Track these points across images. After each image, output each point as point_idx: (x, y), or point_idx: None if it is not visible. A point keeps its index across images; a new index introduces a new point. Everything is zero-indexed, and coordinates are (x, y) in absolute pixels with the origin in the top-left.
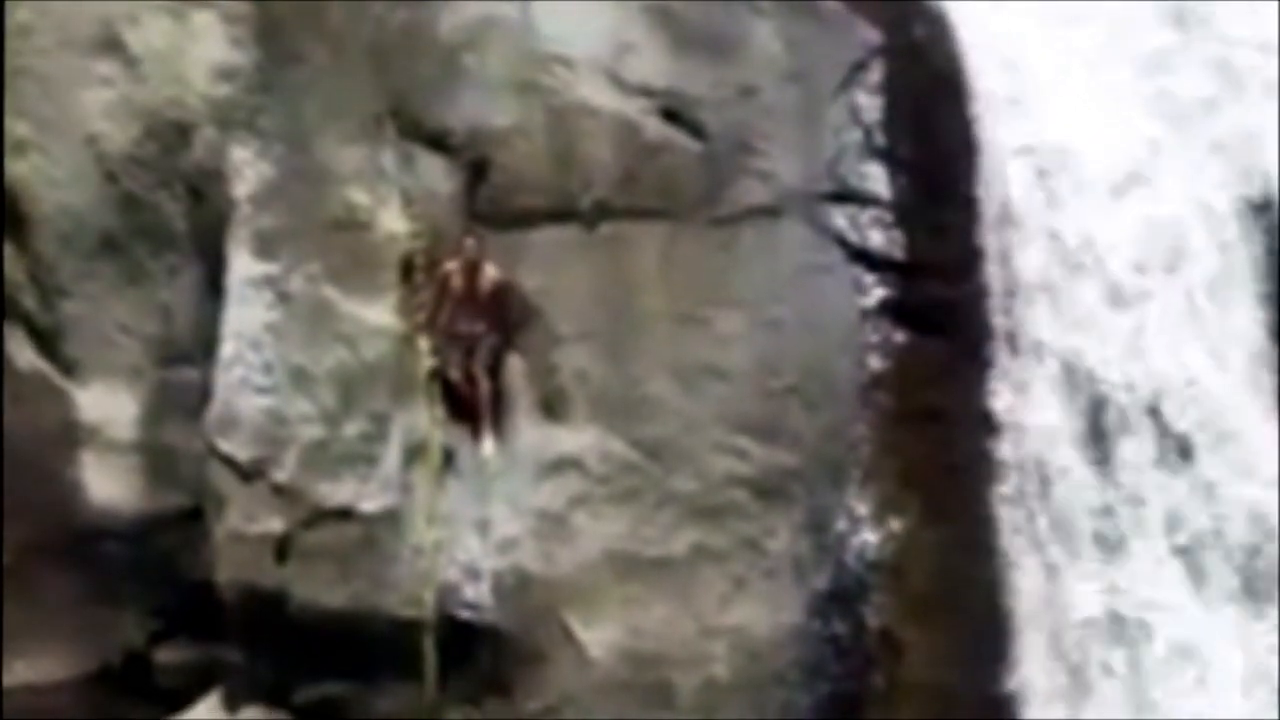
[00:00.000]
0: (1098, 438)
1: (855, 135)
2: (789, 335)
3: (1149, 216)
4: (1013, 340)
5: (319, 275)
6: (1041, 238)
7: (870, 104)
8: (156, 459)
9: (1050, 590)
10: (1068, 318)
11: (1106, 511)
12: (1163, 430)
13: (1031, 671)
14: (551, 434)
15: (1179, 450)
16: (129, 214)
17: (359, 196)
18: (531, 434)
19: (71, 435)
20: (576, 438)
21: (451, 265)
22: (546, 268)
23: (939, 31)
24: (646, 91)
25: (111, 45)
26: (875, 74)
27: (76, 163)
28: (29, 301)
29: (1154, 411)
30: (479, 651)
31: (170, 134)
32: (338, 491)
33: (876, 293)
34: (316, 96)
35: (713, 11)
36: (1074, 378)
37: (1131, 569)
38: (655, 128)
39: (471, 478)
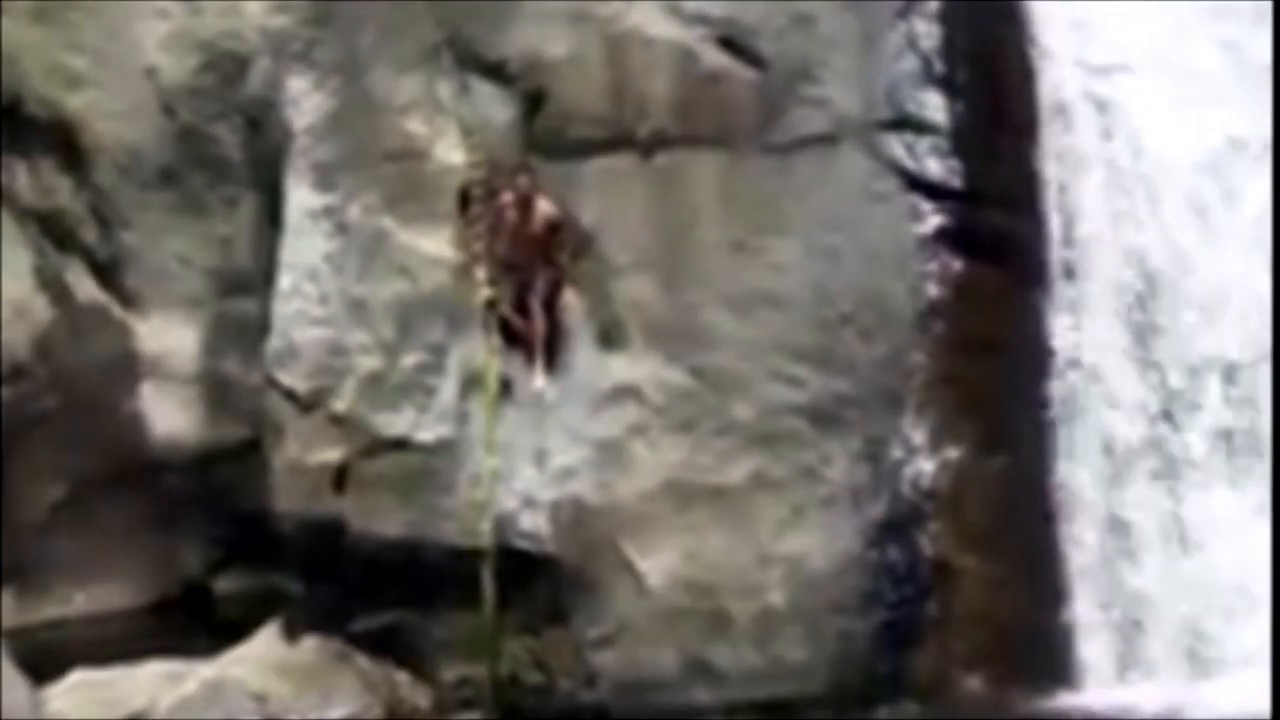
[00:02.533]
0: (1154, 366)
1: (913, 63)
2: (845, 263)
3: (1212, 142)
4: (1070, 268)
5: (376, 206)
6: (1100, 166)
7: (928, 31)
8: (215, 390)
9: (1108, 521)
10: (1124, 245)
11: (1162, 439)
12: (1219, 355)
13: (1085, 602)
14: (608, 363)
15: (1227, 374)
16: (187, 146)
17: (416, 127)
18: (588, 364)
19: (131, 367)
20: (633, 367)
21: (506, 199)
22: (602, 197)
23: None
24: (703, 20)
25: None
26: (933, 1)
27: (134, 95)
28: (88, 234)
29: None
30: (536, 580)
31: (228, 66)
32: (395, 421)
33: (933, 221)
34: (372, 27)
35: None
36: (1130, 305)
37: (1188, 497)
38: (712, 56)
39: (528, 407)
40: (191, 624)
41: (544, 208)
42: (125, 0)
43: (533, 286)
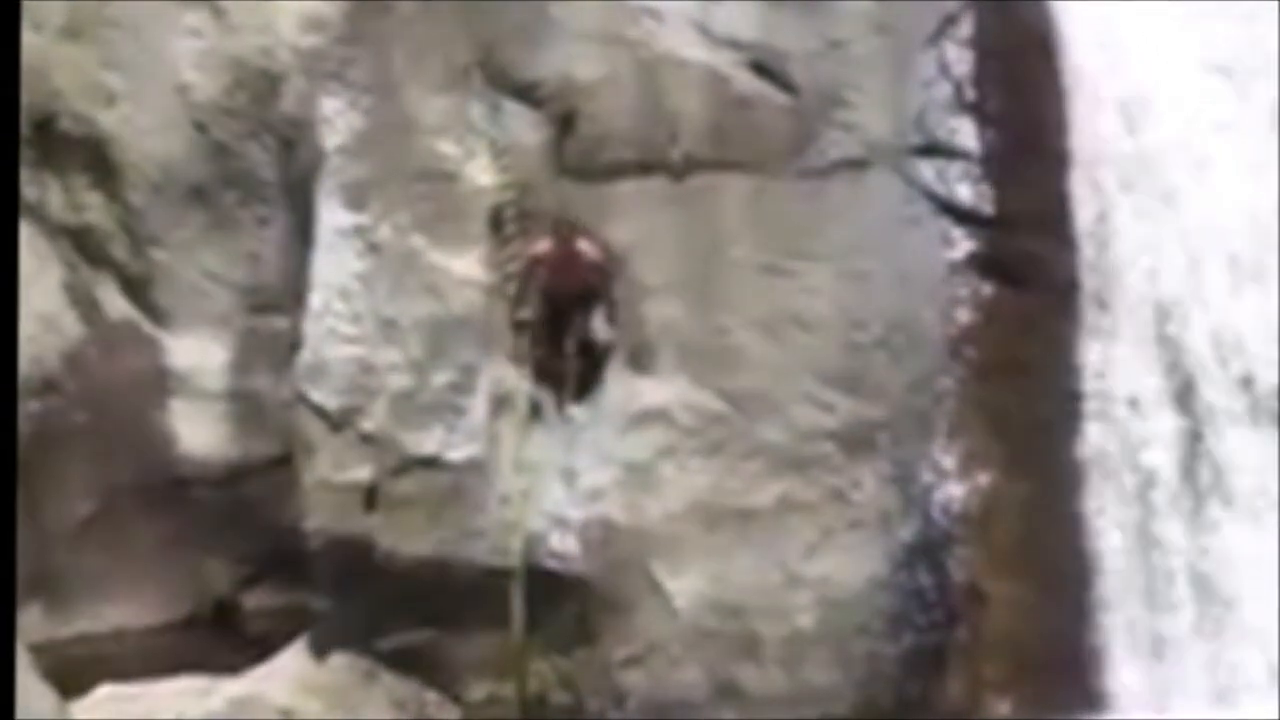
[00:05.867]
0: (1185, 392)
1: (944, 88)
2: (876, 288)
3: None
4: (1101, 294)
5: (407, 226)
6: (1131, 193)
7: (960, 57)
8: (245, 407)
9: (1135, 547)
10: (1157, 273)
11: (1192, 468)
12: (1249, 387)
13: (1115, 629)
14: (638, 385)
15: (1262, 407)
16: (219, 163)
17: (447, 147)
18: (618, 385)
19: (162, 383)
20: (663, 389)
21: (543, 247)
22: (634, 220)
23: None
24: (735, 44)
25: None
26: (965, 27)
27: (167, 112)
28: (119, 250)
29: (1244, 376)
30: (565, 600)
31: (260, 84)
32: (425, 440)
33: (964, 246)
34: (405, 47)
35: None
36: (1163, 332)
37: (1217, 528)
38: (744, 80)
39: (558, 428)
40: (220, 640)
41: (587, 253)
42: (159, 17)
43: (568, 332)
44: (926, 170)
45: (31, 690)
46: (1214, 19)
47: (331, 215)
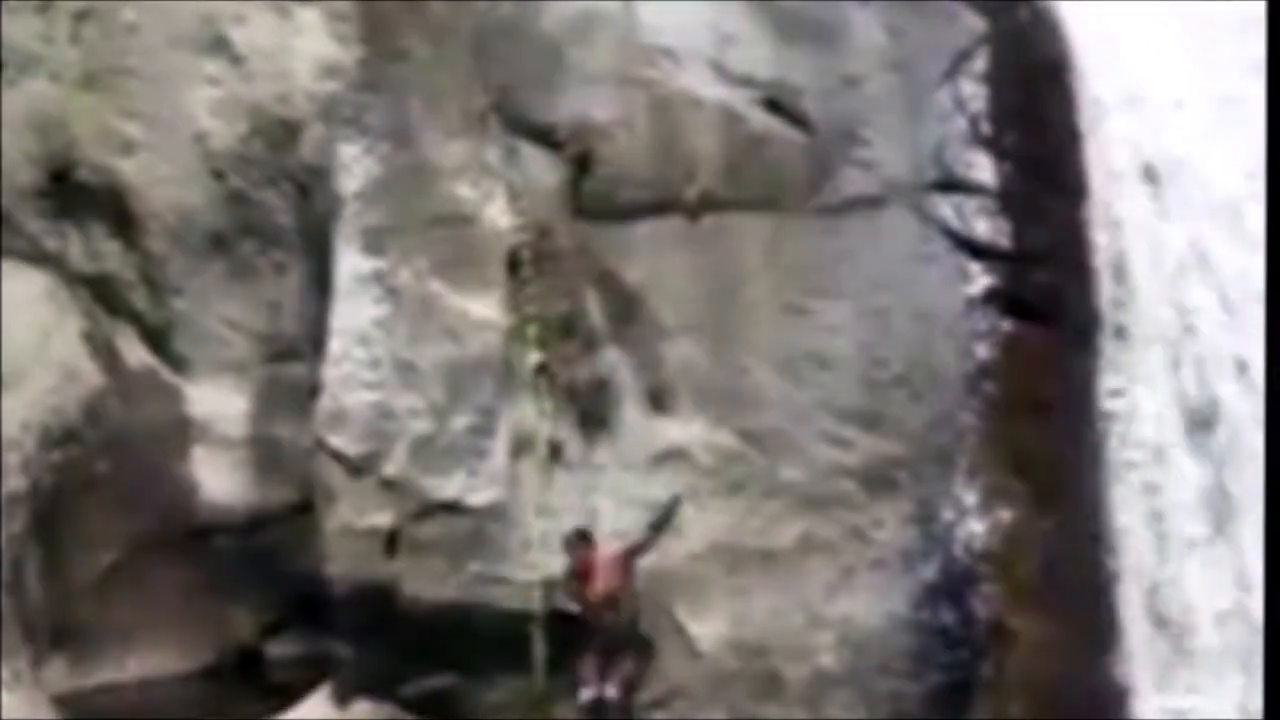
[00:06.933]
0: (1204, 425)
1: (960, 124)
2: (895, 325)
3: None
4: (1120, 329)
5: (426, 270)
6: (1148, 228)
7: (975, 92)
8: (266, 454)
9: (1159, 581)
10: (1176, 307)
11: (1214, 500)
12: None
13: (1140, 663)
14: (657, 426)
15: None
16: (237, 211)
17: (464, 191)
18: (637, 426)
19: (182, 431)
20: (683, 429)
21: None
22: (651, 260)
23: (1044, 18)
24: (750, 82)
25: (218, 43)
26: (980, 62)
27: (184, 161)
28: (139, 300)
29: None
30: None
31: (277, 131)
32: (446, 485)
33: (982, 281)
34: (420, 92)
35: (815, 1)
36: (1181, 367)
37: (1240, 559)
38: (759, 118)
39: (579, 470)
40: (243, 689)
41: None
42: (177, 66)
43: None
44: (943, 206)
45: None
46: (1223, 48)
47: (349, 261)
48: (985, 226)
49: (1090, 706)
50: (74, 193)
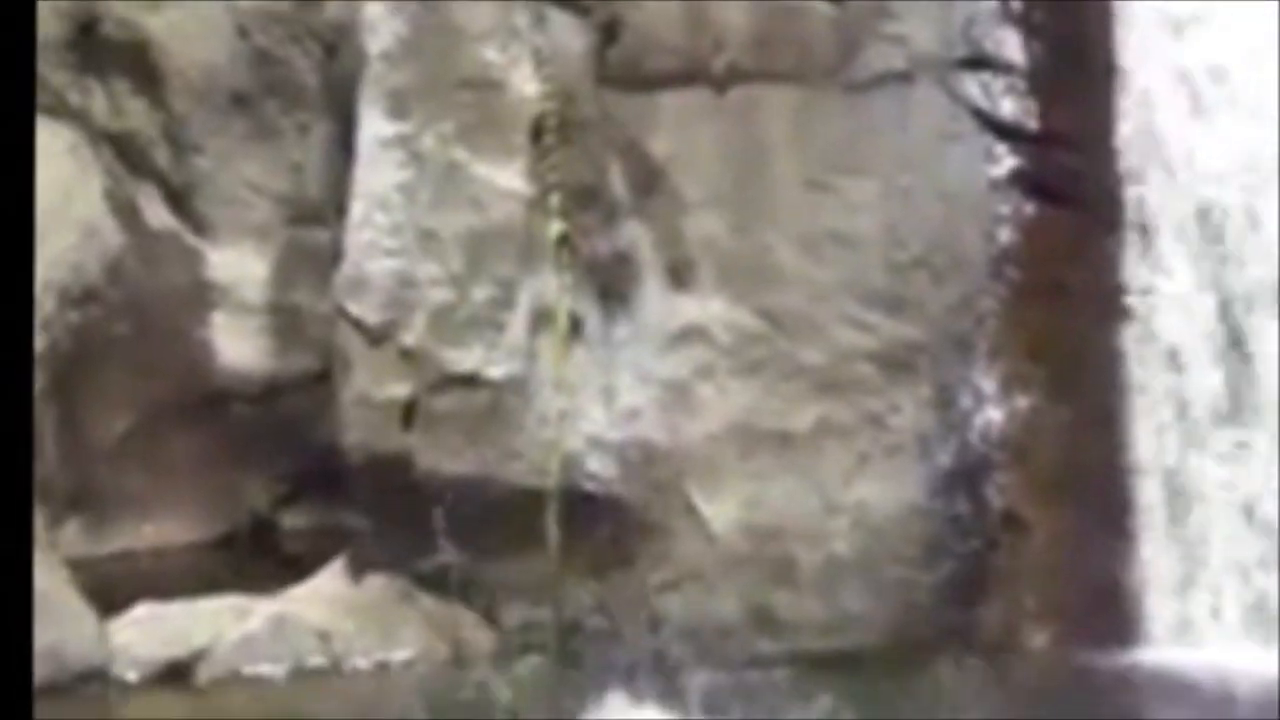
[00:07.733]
0: (1229, 317)
1: (990, 0)
2: (918, 205)
3: None
4: (1145, 214)
5: (450, 136)
6: (1178, 108)
7: None
8: (285, 320)
9: (1175, 476)
10: (1203, 194)
11: (1236, 396)
12: None
13: (1154, 559)
14: (677, 303)
15: None
16: (261, 70)
17: (491, 55)
18: (658, 303)
19: (202, 295)
20: (703, 307)
21: None
22: (675, 132)
23: None
24: None
25: None
26: None
27: (210, 17)
28: (161, 158)
29: None
30: (601, 523)
31: None
32: (465, 357)
33: (1008, 163)
34: None
35: None
36: (1207, 257)
37: (1259, 460)
38: None
39: (598, 346)
40: (258, 559)
41: None
42: None
43: None
44: (971, 84)
45: (71, 608)
46: None
47: (373, 124)
48: (1012, 106)
49: (1106, 601)
50: (100, 47)
